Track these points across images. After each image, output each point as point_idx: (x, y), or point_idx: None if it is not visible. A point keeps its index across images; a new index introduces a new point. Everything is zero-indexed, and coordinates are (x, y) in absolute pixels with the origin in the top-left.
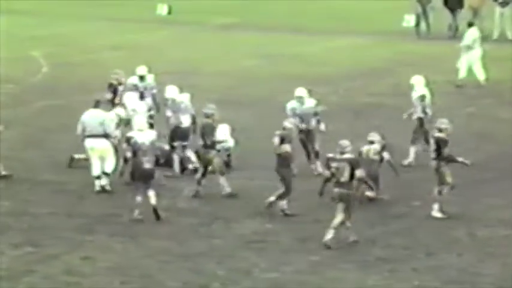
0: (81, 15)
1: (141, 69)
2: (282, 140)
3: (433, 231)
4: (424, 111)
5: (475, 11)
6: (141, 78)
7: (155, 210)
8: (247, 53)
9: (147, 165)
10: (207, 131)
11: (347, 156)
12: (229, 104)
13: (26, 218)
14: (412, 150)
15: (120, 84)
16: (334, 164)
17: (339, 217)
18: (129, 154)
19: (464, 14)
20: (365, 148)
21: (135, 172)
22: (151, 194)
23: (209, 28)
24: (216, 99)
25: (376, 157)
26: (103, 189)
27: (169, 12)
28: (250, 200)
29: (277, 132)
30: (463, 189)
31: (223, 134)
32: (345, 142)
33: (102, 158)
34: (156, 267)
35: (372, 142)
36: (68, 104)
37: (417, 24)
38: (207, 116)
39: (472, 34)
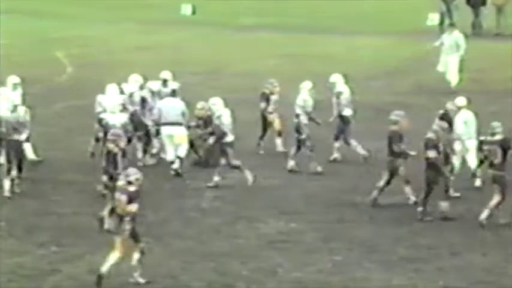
0: (106, 18)
1: (166, 74)
2: (427, 145)
3: (457, 231)
4: (338, 108)
5: (499, 8)
6: (165, 82)
7: None
8: (270, 53)
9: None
10: (395, 139)
11: (497, 137)
12: (251, 103)
13: (51, 217)
14: (336, 146)
15: (272, 93)
16: (486, 147)
17: (495, 198)
18: (100, 134)
19: (488, 11)
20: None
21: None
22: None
23: (233, 28)
24: (239, 98)
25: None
26: (177, 173)
27: (194, 13)
28: (274, 199)
29: (426, 135)
30: (487, 188)
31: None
32: (495, 123)
33: (178, 144)
34: (180, 268)
35: (493, 134)
36: (92, 104)
37: (441, 22)
38: (393, 122)
39: (455, 36)
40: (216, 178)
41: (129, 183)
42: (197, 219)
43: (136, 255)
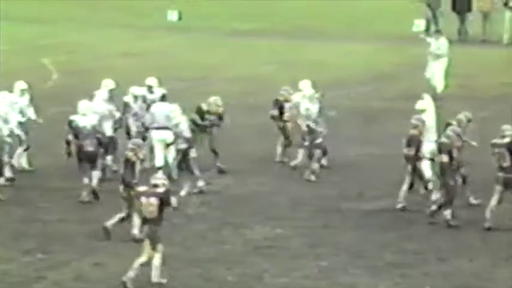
0: (91, 23)
1: (151, 80)
2: (440, 149)
3: (445, 236)
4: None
5: (485, 15)
6: (150, 89)
7: (94, 192)
8: (262, 58)
9: (89, 148)
10: (412, 142)
11: (506, 140)
12: (243, 109)
13: (37, 224)
14: (301, 152)
15: (287, 101)
16: (496, 150)
17: (494, 199)
18: (70, 137)
19: (474, 18)
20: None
21: (80, 154)
22: (94, 174)
23: (221, 34)
24: (230, 104)
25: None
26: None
27: (180, 18)
28: (260, 205)
29: (439, 140)
30: (476, 194)
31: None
32: (506, 126)
33: (167, 149)
34: (166, 274)
35: (503, 137)
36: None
37: (427, 28)
38: (413, 126)
39: (441, 43)
40: (201, 183)
41: (155, 186)
42: (183, 225)
43: (142, 259)
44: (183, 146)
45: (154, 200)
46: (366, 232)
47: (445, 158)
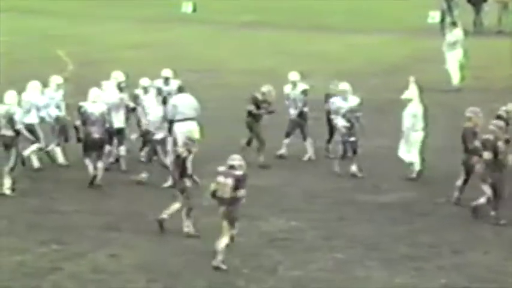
0: (106, 15)
1: (167, 72)
2: (484, 146)
3: (458, 229)
4: (304, 106)
5: (504, 5)
6: (166, 80)
7: (94, 178)
8: (271, 50)
9: (96, 135)
10: (468, 136)
11: None
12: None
13: (52, 215)
14: (309, 146)
15: (335, 95)
16: None
17: None
18: (78, 122)
19: (489, 8)
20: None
21: (87, 141)
22: (100, 165)
23: (233, 26)
24: (239, 96)
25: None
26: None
27: (194, 10)
28: (274, 197)
29: (484, 136)
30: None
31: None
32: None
33: None
34: (181, 265)
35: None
36: None
37: (442, 20)
38: (467, 119)
39: (455, 34)
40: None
41: (232, 167)
42: (198, 217)
43: (225, 240)
44: (159, 136)
45: (230, 181)
46: (381, 225)
47: (487, 155)
